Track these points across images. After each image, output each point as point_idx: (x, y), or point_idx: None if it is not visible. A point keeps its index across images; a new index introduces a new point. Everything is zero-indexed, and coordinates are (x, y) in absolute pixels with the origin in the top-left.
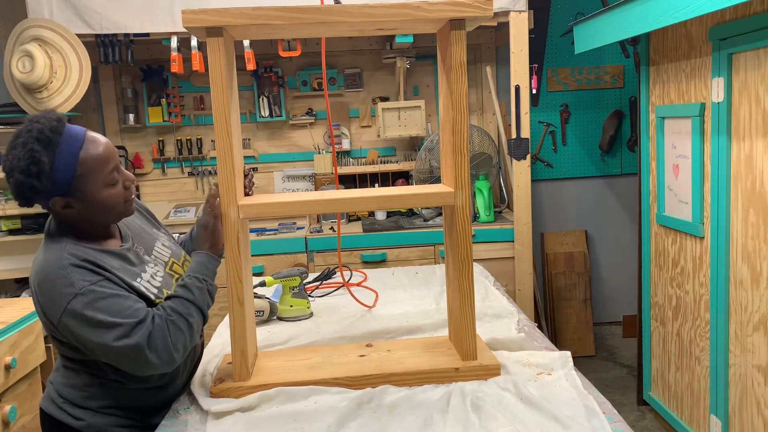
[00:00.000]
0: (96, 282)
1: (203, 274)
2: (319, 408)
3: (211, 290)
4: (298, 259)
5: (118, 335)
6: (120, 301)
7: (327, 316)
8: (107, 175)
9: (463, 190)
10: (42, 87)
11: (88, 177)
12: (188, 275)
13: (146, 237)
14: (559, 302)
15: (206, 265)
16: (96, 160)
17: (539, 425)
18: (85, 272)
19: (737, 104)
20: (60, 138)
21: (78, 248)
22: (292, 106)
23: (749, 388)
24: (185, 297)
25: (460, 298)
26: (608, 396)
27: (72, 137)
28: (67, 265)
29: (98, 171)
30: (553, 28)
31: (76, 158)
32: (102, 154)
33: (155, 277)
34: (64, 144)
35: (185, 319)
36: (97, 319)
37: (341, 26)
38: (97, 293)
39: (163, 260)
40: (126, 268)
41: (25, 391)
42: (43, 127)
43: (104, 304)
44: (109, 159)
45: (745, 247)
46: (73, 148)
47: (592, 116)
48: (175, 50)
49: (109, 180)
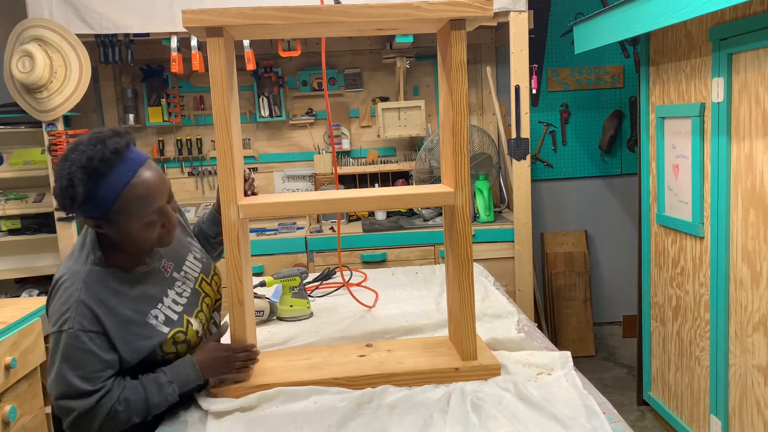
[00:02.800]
0: (88, 331)
1: (181, 386)
2: (319, 408)
3: (171, 402)
4: (298, 259)
5: (63, 392)
6: (94, 362)
7: (327, 316)
8: (145, 216)
9: (463, 190)
10: (42, 87)
11: (125, 214)
12: (170, 380)
13: (180, 250)
14: (559, 302)
15: (188, 380)
16: (137, 201)
17: (539, 425)
18: (87, 316)
19: (737, 104)
20: (110, 170)
21: (100, 277)
22: (292, 106)
23: (749, 388)
24: (149, 397)
25: (460, 298)
26: (608, 396)
27: (123, 171)
28: (78, 299)
29: (136, 212)
30: (553, 28)
31: (118, 194)
32: (145, 196)
33: (181, 296)
34: (113, 176)
35: (128, 417)
36: (65, 364)
37: (341, 26)
38: (80, 343)
39: (193, 276)
40: (146, 295)
41: (25, 391)
42: (95, 155)
43: (79, 357)
44: (153, 201)
45: (745, 247)
46: (120, 182)
47: (592, 116)
48: (175, 50)
49: (147, 220)
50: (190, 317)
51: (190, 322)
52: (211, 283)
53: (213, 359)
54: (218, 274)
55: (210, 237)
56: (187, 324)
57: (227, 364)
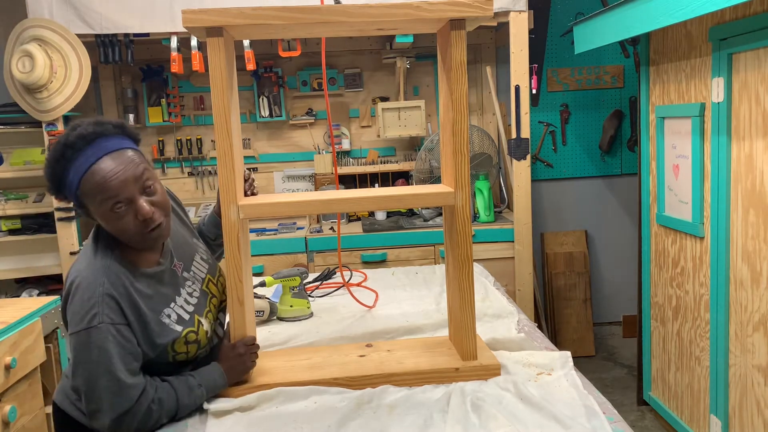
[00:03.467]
0: (117, 324)
1: (209, 391)
2: (319, 408)
3: (198, 405)
4: (298, 259)
5: (103, 388)
6: (128, 356)
7: (327, 316)
8: (103, 204)
9: (463, 190)
10: (42, 87)
11: (89, 200)
12: (199, 383)
13: (187, 249)
14: (559, 302)
15: (216, 385)
16: (92, 187)
17: (539, 425)
18: (115, 309)
19: (737, 104)
20: (74, 153)
21: (120, 271)
22: (292, 106)
23: (749, 388)
24: (179, 398)
25: (460, 298)
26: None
27: (86, 157)
28: (103, 293)
29: (94, 198)
30: (553, 28)
31: (78, 179)
32: (99, 183)
33: (192, 296)
34: (77, 161)
35: (159, 417)
36: (102, 359)
37: (341, 26)
38: (112, 337)
39: (201, 277)
40: (159, 294)
41: (25, 391)
42: (61, 139)
43: (115, 351)
44: (106, 189)
45: (745, 247)
46: (80, 168)
47: (592, 116)
48: (175, 50)
49: (108, 208)
50: (201, 317)
51: (201, 322)
52: (217, 283)
53: (233, 362)
54: (224, 275)
55: (210, 239)
56: (198, 324)
57: (243, 362)
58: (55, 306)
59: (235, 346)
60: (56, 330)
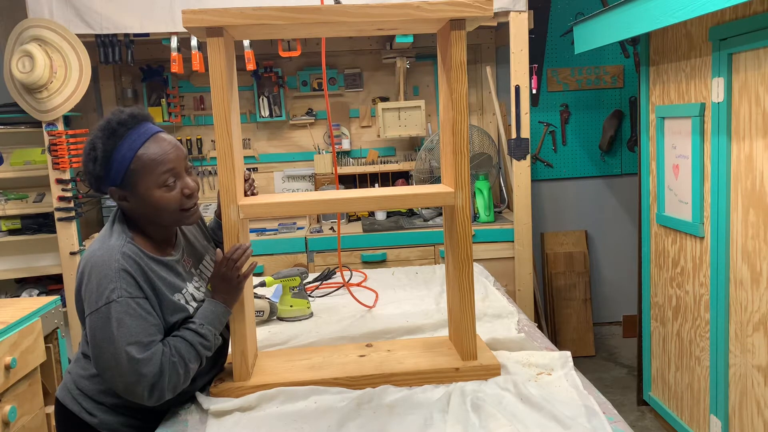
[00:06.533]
0: (135, 297)
1: (215, 327)
2: (319, 408)
3: (217, 342)
4: (298, 259)
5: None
6: (150, 327)
7: (327, 316)
8: (159, 176)
9: (463, 190)
10: (42, 87)
11: (141, 174)
12: (201, 323)
13: (198, 249)
14: (559, 302)
15: (220, 317)
16: (151, 159)
17: (539, 425)
18: (131, 282)
19: (737, 104)
20: (126, 131)
21: (135, 250)
22: (292, 106)
23: (749, 388)
24: (192, 342)
25: (460, 298)
26: (608, 396)
27: (139, 134)
28: (119, 269)
29: (151, 170)
30: (553, 28)
31: (134, 153)
32: (158, 155)
33: (198, 290)
34: (128, 138)
35: (185, 364)
36: (123, 331)
37: (341, 26)
38: (131, 309)
39: (207, 277)
40: (172, 279)
41: (25, 391)
42: (112, 118)
43: (136, 323)
44: (165, 161)
45: (745, 247)
46: (135, 143)
47: (592, 116)
48: (175, 50)
49: (161, 181)
50: None
51: None
52: None
53: (221, 286)
54: None
55: (218, 242)
56: None
57: (230, 280)
58: (55, 306)
59: (218, 269)
60: (56, 330)
